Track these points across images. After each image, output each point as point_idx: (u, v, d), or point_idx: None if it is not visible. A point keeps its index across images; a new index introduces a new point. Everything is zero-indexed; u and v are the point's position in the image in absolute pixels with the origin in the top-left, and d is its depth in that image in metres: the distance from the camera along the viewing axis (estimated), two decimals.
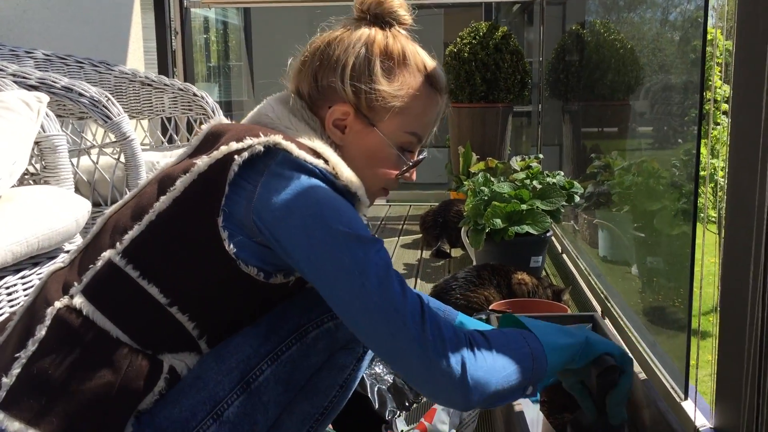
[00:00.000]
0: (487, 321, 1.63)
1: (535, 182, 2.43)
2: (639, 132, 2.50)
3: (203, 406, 0.98)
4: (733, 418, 1.17)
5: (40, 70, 2.00)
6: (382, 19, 1.11)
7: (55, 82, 1.79)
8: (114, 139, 1.87)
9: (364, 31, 1.10)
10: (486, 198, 2.37)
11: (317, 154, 1.01)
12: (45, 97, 1.45)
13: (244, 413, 1.00)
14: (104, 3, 3.37)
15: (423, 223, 3.29)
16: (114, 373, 0.94)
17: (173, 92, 2.65)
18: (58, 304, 0.97)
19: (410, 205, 4.37)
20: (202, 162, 0.98)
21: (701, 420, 1.31)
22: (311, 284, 0.99)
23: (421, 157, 1.16)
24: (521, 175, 2.49)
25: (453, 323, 1.01)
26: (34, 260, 1.37)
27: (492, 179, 2.54)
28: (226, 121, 1.14)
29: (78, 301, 0.96)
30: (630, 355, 1.12)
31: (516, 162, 2.90)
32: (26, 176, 1.55)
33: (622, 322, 1.96)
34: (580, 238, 2.96)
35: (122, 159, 1.90)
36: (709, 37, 1.43)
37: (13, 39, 2.67)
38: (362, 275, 0.94)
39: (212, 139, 1.06)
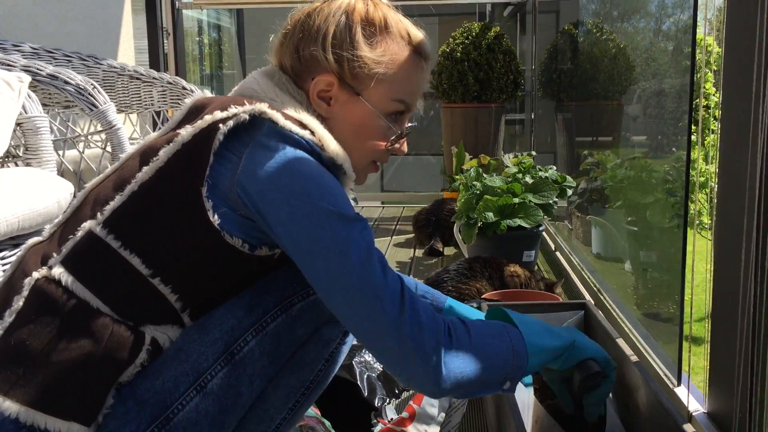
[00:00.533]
0: (479, 309, 1.61)
1: (527, 177, 2.41)
2: (632, 137, 2.49)
3: (186, 378, 0.95)
4: (727, 403, 1.15)
5: None
6: None
7: (40, 70, 1.77)
8: (100, 129, 1.85)
9: (344, 0, 1.08)
10: (478, 192, 2.35)
11: (303, 126, 1.00)
12: (26, 77, 1.43)
13: (229, 385, 0.98)
14: (95, 1, 3.35)
15: (416, 221, 3.27)
16: (94, 344, 0.91)
17: (162, 86, 2.62)
18: (36, 275, 0.94)
19: (404, 207, 4.36)
20: (186, 132, 0.96)
21: (695, 405, 1.29)
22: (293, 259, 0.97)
23: (410, 125, 1.14)
24: (513, 169, 2.47)
25: (433, 309, 0.98)
26: (14, 241, 1.34)
27: (484, 174, 2.52)
28: (210, 95, 1.12)
29: (57, 271, 0.94)
30: (614, 361, 1.10)
31: (509, 159, 2.88)
32: (8, 158, 1.52)
33: (614, 314, 1.94)
34: (574, 235, 2.94)
35: (108, 149, 1.88)
36: (700, 44, 1.43)
37: (2, 34, 2.65)
38: (343, 254, 0.92)
39: (196, 111, 1.03)
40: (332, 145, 1.02)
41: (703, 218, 1.58)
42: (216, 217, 0.94)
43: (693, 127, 1.49)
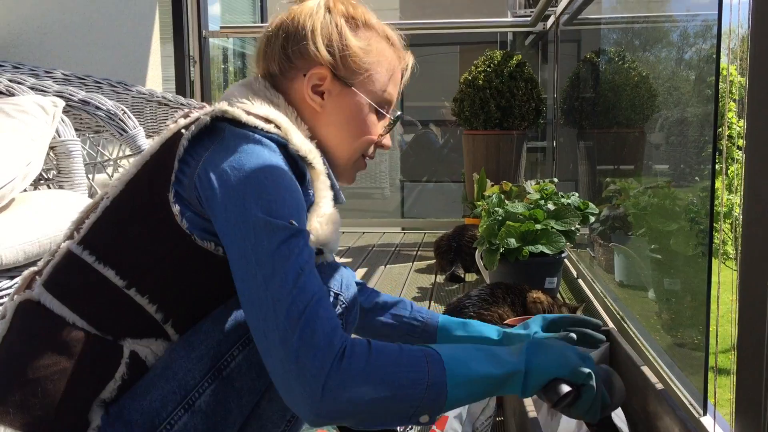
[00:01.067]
0: None
1: (549, 203, 2.41)
2: (655, 165, 2.49)
3: (173, 396, 0.94)
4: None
5: None
6: None
7: (72, 95, 1.82)
8: (129, 153, 1.89)
9: (319, 1, 1.13)
10: (500, 218, 2.35)
11: (268, 121, 1.01)
12: (60, 102, 1.46)
13: (217, 402, 0.97)
14: (124, 29, 3.43)
15: (437, 247, 3.27)
16: (69, 359, 0.92)
17: None
18: (17, 298, 0.98)
19: (425, 233, 4.36)
20: (154, 142, 1.00)
21: None
22: None
23: (398, 113, 1.19)
24: (536, 196, 2.47)
25: (342, 331, 0.89)
26: None
27: (506, 201, 2.52)
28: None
29: (37, 291, 0.97)
30: (585, 368, 0.97)
31: (531, 186, 2.88)
32: (41, 181, 1.56)
33: (638, 342, 1.92)
34: (596, 263, 2.93)
35: None
36: (723, 73, 1.44)
37: (34, 61, 2.71)
38: (257, 264, 0.88)
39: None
40: (296, 139, 1.02)
41: (727, 248, 1.57)
42: (184, 221, 0.95)
43: (717, 156, 1.49)
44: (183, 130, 0.97)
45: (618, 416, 1.21)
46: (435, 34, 8.54)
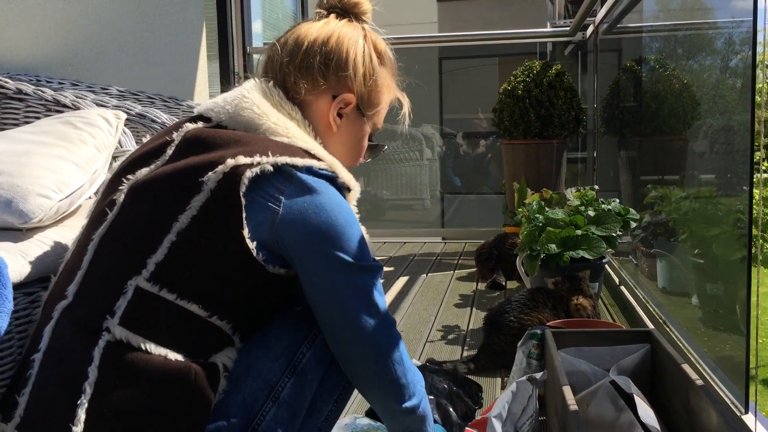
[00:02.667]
0: (543, 336, 1.64)
1: (590, 209, 2.44)
2: (698, 173, 2.49)
3: (262, 392, 1.05)
4: None
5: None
6: (357, 16, 1.23)
7: (129, 110, 1.92)
8: None
9: (355, 28, 1.21)
10: (540, 224, 2.38)
11: (317, 158, 1.09)
12: (123, 115, 1.56)
13: (296, 393, 1.08)
14: (173, 48, 3.56)
15: (478, 255, 3.30)
16: (184, 389, 0.99)
17: None
18: (101, 343, 0.98)
19: (465, 242, 4.39)
20: (210, 179, 1.00)
21: (762, 431, 1.29)
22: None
23: (385, 148, 1.31)
24: (576, 202, 2.50)
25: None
26: None
27: (546, 208, 2.55)
28: (200, 125, 1.14)
29: (121, 333, 0.98)
30: None
31: (571, 193, 2.90)
32: None
33: (681, 345, 1.93)
34: (639, 270, 2.93)
35: None
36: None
37: (90, 79, 2.84)
38: (368, 301, 1.08)
39: (198, 146, 1.07)
40: (343, 172, 1.12)
41: None
42: (260, 254, 1.02)
43: (765, 164, 1.51)
44: (247, 171, 1.00)
45: (648, 415, 1.23)
46: (474, 46, 8.59)
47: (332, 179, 1.09)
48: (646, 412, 1.24)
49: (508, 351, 1.93)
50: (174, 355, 0.99)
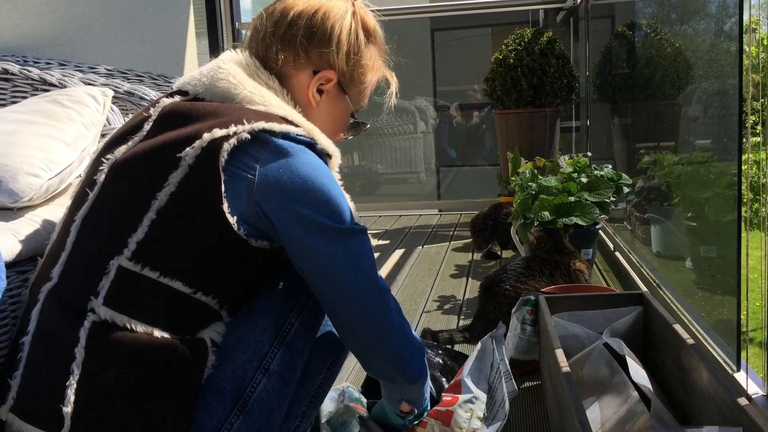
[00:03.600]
0: (536, 302, 1.65)
1: (582, 176, 2.44)
2: (692, 138, 2.48)
3: (251, 364, 1.06)
4: None
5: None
6: None
7: (117, 87, 1.91)
8: None
9: (346, 3, 1.18)
10: (534, 192, 2.38)
11: (295, 124, 1.07)
12: (110, 92, 1.55)
13: (286, 363, 1.09)
14: (161, 25, 3.53)
15: (473, 226, 3.31)
16: (171, 366, 1.00)
17: None
18: (86, 323, 0.98)
19: (461, 213, 4.40)
20: (188, 154, 0.99)
21: (754, 388, 1.31)
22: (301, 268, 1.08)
23: (367, 126, 1.29)
24: (569, 169, 2.50)
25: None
26: None
27: (539, 176, 2.55)
28: (170, 100, 1.12)
29: (106, 313, 0.98)
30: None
31: (564, 160, 2.90)
32: None
33: (674, 306, 1.95)
34: (632, 235, 2.94)
35: None
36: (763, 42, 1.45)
37: (78, 58, 2.82)
38: (355, 267, 1.06)
39: (175, 120, 1.06)
40: (321, 138, 1.10)
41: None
42: (242, 229, 1.01)
43: (758, 128, 1.51)
44: (224, 143, 0.99)
45: (639, 375, 1.24)
46: (466, 17, 8.51)
47: (311, 145, 1.07)
48: (637, 372, 1.25)
49: (503, 319, 1.95)
50: (160, 333, 0.99)
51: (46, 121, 1.44)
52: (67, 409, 0.96)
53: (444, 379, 1.58)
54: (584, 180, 2.40)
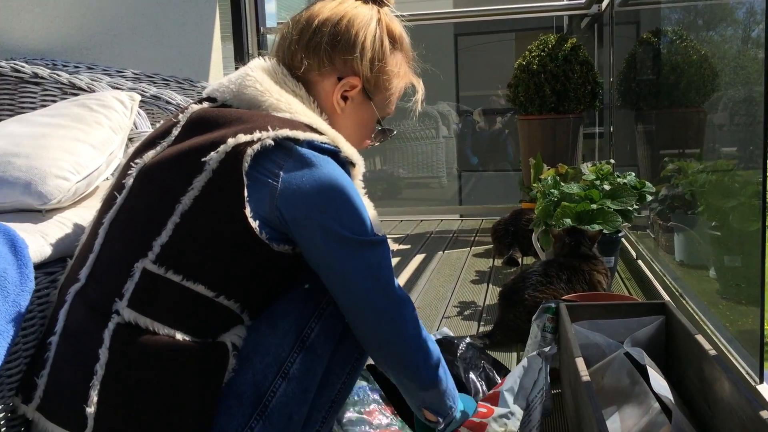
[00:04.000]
0: (557, 310, 1.65)
1: (605, 183, 2.43)
2: (718, 145, 2.46)
3: (271, 368, 1.06)
4: None
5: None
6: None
7: (144, 92, 1.94)
8: None
9: (372, 10, 1.18)
10: (555, 199, 2.38)
11: (319, 132, 1.08)
12: (137, 96, 1.58)
13: (306, 368, 1.09)
14: (187, 30, 3.57)
15: (494, 232, 3.30)
16: (192, 370, 1.01)
17: None
18: (111, 325, 1.00)
19: (482, 219, 4.39)
20: (212, 159, 1.00)
21: None
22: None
23: (394, 133, 1.29)
24: (591, 177, 2.49)
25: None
26: None
27: (562, 182, 2.54)
28: (205, 105, 1.15)
29: (130, 315, 1.00)
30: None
31: (587, 167, 2.89)
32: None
33: (697, 317, 1.93)
34: (656, 243, 2.92)
35: None
36: None
37: (106, 62, 2.87)
38: (375, 279, 1.07)
39: (202, 126, 1.08)
40: (346, 146, 1.11)
41: None
42: (263, 233, 1.02)
43: None
44: (247, 148, 1.00)
45: (661, 385, 1.24)
46: (489, 22, 8.50)
47: (334, 153, 1.08)
48: (659, 382, 1.25)
49: (523, 327, 1.94)
50: (182, 336, 1.01)
51: (75, 125, 1.47)
52: (90, 410, 0.98)
53: (481, 383, 1.58)
54: (607, 187, 2.39)
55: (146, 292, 1.00)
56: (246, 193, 1.00)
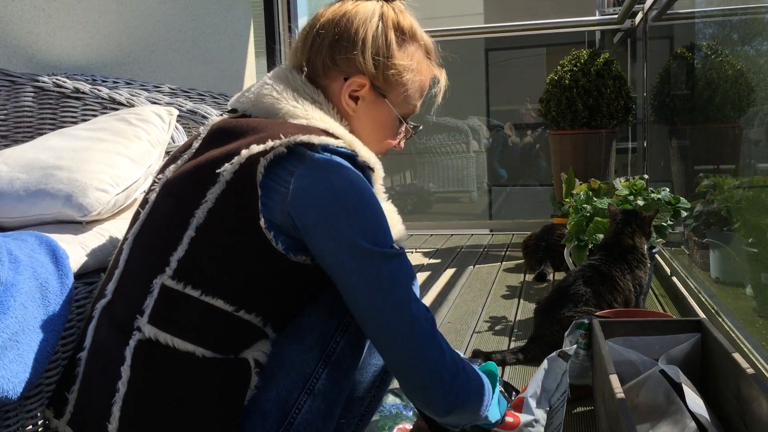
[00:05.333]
0: (590, 326, 1.63)
1: (639, 199, 2.40)
2: (754, 161, 2.43)
3: (296, 385, 1.04)
4: None
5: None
6: None
7: (181, 106, 1.97)
8: None
9: (375, 5, 1.14)
10: (588, 214, 2.36)
11: (335, 136, 1.04)
12: (175, 111, 1.61)
13: (332, 383, 1.06)
14: (222, 45, 3.63)
15: (525, 246, 3.28)
16: (214, 386, 0.99)
17: None
18: (132, 342, 0.99)
19: (513, 234, 4.37)
20: (226, 170, 0.99)
21: None
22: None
23: (420, 127, 1.24)
24: (625, 191, 2.47)
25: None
26: None
27: (594, 198, 2.53)
28: (225, 116, 1.15)
29: (150, 332, 0.99)
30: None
31: (620, 183, 2.86)
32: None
33: (733, 335, 1.90)
34: (691, 260, 2.88)
35: None
36: None
37: (143, 77, 2.93)
38: (385, 292, 1.00)
39: (221, 137, 1.07)
40: (363, 151, 1.06)
41: None
42: (279, 244, 1.00)
43: None
44: (260, 158, 0.98)
45: (697, 404, 1.22)
46: (520, 37, 8.49)
47: (351, 157, 1.04)
48: (695, 401, 1.23)
49: (560, 343, 1.92)
50: (202, 352, 0.99)
51: (115, 139, 1.50)
52: (112, 426, 0.98)
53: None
54: (641, 203, 2.37)
55: (166, 308, 0.99)
56: (260, 205, 0.98)
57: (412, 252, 3.96)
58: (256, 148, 0.99)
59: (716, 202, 2.55)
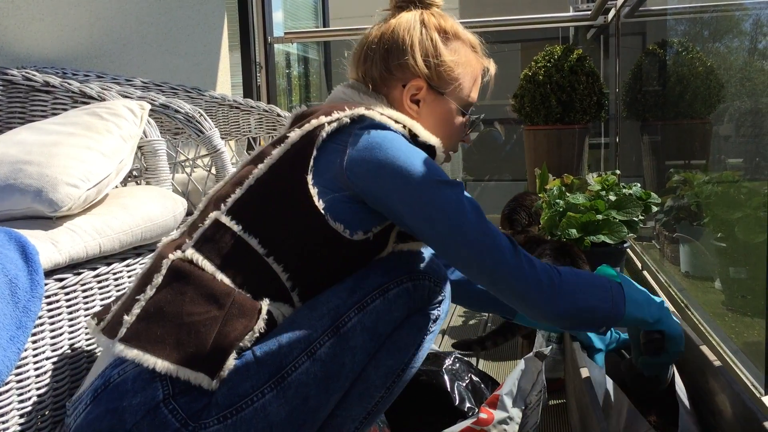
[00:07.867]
0: None
1: (611, 194, 2.43)
2: (724, 157, 2.47)
3: (299, 344, 1.08)
4: None
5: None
6: (422, 3, 1.29)
7: (153, 100, 1.95)
8: (206, 152, 2.01)
9: (414, 14, 1.27)
10: (561, 210, 2.38)
11: (396, 122, 1.16)
12: (147, 105, 1.59)
13: (334, 354, 1.09)
14: (195, 39, 3.60)
15: (503, 218, 3.27)
16: (219, 309, 1.05)
17: (258, 114, 2.82)
18: (171, 256, 1.11)
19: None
20: (295, 134, 1.13)
21: None
22: (407, 230, 1.14)
23: (482, 115, 1.34)
24: (597, 187, 2.49)
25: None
26: (137, 250, 1.49)
27: (567, 193, 2.55)
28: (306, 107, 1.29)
29: (189, 252, 1.10)
30: (682, 345, 1.24)
31: (592, 178, 2.89)
32: (129, 178, 1.69)
33: (702, 328, 1.93)
34: (661, 255, 2.92)
35: (213, 171, 2.04)
36: None
37: (115, 71, 2.89)
38: (460, 214, 1.08)
39: (301, 118, 1.21)
40: (423, 132, 1.18)
41: None
42: (321, 202, 1.10)
43: None
44: (326, 125, 1.12)
45: (679, 388, 1.24)
46: (495, 32, 8.52)
47: (411, 136, 1.17)
48: (681, 389, 1.26)
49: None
50: (222, 277, 1.08)
51: (86, 133, 1.48)
52: (127, 318, 1.06)
53: (468, 394, 1.59)
54: (612, 198, 2.40)
55: (208, 236, 1.11)
56: (311, 164, 1.10)
57: None
58: (323, 119, 1.14)
59: (686, 198, 2.59)
